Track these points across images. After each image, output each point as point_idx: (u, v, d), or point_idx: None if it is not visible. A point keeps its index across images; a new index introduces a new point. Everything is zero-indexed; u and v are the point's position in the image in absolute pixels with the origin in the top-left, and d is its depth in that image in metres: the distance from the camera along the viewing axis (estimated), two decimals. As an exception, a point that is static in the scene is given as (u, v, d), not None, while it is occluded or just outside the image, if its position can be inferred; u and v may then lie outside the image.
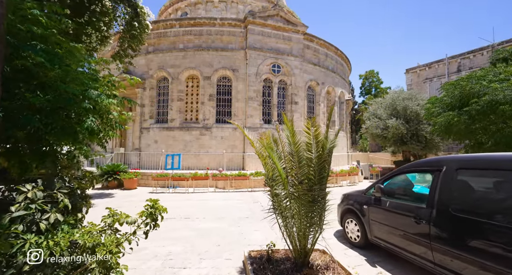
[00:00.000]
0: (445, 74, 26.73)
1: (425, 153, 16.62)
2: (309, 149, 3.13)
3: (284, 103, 15.59)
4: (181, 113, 14.43)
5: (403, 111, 15.54)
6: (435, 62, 27.77)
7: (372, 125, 16.51)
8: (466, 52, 25.40)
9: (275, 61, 15.02)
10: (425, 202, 3.16)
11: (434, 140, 14.95)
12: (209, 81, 14.33)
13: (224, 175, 10.90)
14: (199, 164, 13.72)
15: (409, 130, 15.09)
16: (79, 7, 7.44)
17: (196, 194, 9.97)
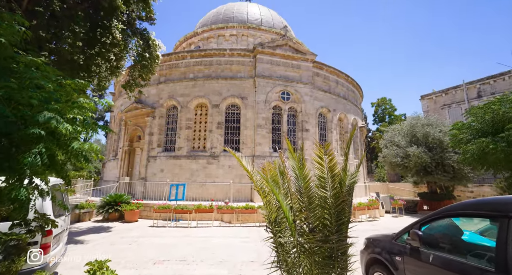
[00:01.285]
0: (464, 100, 25.65)
1: (452, 184, 15.00)
2: (322, 184, 2.42)
3: (295, 131, 15.04)
4: (189, 142, 14.14)
5: (424, 138, 14.45)
6: (452, 88, 26.95)
7: (390, 154, 15.37)
8: (485, 78, 24.57)
9: (284, 89, 14.88)
10: (491, 262, 2.25)
11: (463, 170, 13.50)
12: (217, 109, 14.23)
13: (230, 208, 10.01)
14: (205, 194, 12.93)
15: (433, 159, 13.80)
16: (91, 40, 7.68)
17: (199, 229, 9.04)
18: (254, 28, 20.40)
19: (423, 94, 29.86)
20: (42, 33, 6.65)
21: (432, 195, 15.32)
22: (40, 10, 6.61)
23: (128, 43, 9.14)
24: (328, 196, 2.33)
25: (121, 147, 15.58)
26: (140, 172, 14.13)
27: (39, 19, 6.67)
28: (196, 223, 9.82)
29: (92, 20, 7.64)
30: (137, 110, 14.74)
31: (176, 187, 11.19)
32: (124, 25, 8.22)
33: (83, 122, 2.33)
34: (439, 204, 15.03)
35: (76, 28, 6.81)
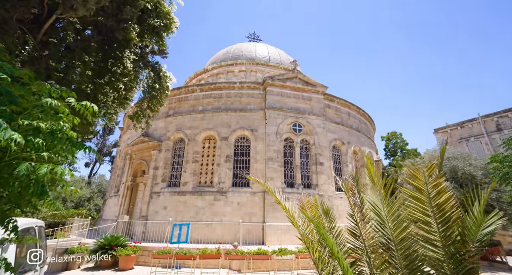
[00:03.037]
0: (483, 134, 24.60)
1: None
2: (426, 234, 1.50)
3: (308, 164, 14.07)
4: (195, 176, 13.27)
5: (451, 173, 13.15)
6: (467, 122, 26.17)
7: (415, 189, 13.91)
8: (502, 111, 23.92)
9: (296, 120, 14.43)
10: None
11: (508, 210, 11.80)
12: (226, 142, 13.66)
13: (239, 253, 8.58)
14: (211, 235, 11.50)
15: (466, 197, 12.25)
16: (102, 69, 7.59)
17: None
18: (263, 64, 21.14)
19: (437, 128, 29.02)
20: (52, 62, 6.54)
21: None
22: (54, 41, 6.62)
23: (138, 74, 9.10)
24: (441, 256, 1.38)
25: (124, 182, 14.76)
26: (142, 210, 12.99)
27: (51, 50, 6.66)
28: (201, 272, 8.33)
29: (104, 51, 7.65)
30: (144, 143, 14.33)
31: (180, 227, 9.93)
32: (136, 56, 8.23)
33: (51, 135, 1.60)
34: (481, 249, 12.92)
35: (87, 57, 6.72)
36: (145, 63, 9.54)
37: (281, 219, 11.96)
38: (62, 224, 15.45)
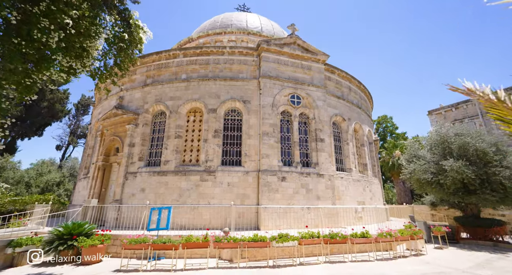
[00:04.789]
0: (477, 115, 24.17)
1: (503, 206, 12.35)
2: None
3: (307, 141, 12.58)
4: (178, 154, 11.43)
5: (460, 150, 12.12)
6: (462, 103, 25.62)
7: (419, 169, 12.87)
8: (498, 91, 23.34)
9: (294, 92, 12.73)
10: None
11: (518, 188, 10.99)
12: (214, 115, 11.80)
13: (232, 240, 7.07)
14: (197, 220, 9.94)
15: (477, 175, 11.34)
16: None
17: (187, 273, 6.02)
18: (255, 34, 18.96)
19: (431, 110, 28.46)
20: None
21: (475, 220, 12.57)
22: None
23: (99, 16, 6.88)
24: None
25: (94, 162, 12.67)
26: (115, 193, 11.11)
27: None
28: (184, 263, 6.78)
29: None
30: (117, 117, 12.17)
31: (159, 212, 8.24)
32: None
33: None
34: (486, 231, 12.27)
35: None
36: (109, 5, 7.32)
37: (278, 201, 10.55)
38: (23, 211, 13.30)
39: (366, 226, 9.42)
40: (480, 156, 11.60)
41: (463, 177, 11.32)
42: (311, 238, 7.47)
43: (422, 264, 7.57)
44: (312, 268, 6.81)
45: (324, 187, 11.47)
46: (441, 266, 7.41)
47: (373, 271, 6.53)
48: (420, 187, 13.76)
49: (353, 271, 6.53)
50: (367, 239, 7.90)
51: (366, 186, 14.17)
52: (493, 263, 8.09)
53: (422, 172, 12.71)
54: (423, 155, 13.58)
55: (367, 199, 13.80)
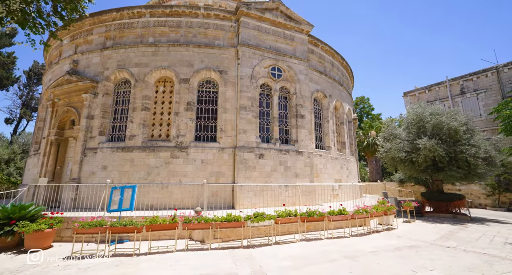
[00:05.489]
0: (447, 97, 25.16)
1: (465, 181, 13.12)
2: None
3: (287, 117, 11.97)
4: (146, 128, 10.25)
5: (435, 129, 12.34)
6: (435, 85, 26.43)
7: (394, 148, 13.06)
8: (468, 74, 24.23)
9: (275, 63, 11.77)
10: None
11: (479, 165, 11.58)
12: (187, 85, 10.59)
13: (203, 220, 6.47)
14: (168, 200, 9.19)
15: (447, 153, 11.71)
16: None
17: (151, 259, 5.38)
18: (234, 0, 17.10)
19: (406, 91, 29.16)
20: None
21: (439, 195, 13.32)
22: None
23: None
24: None
25: (45, 137, 11.03)
26: (72, 171, 9.83)
27: None
28: (149, 246, 6.11)
29: None
30: (71, 84, 10.43)
31: (121, 191, 7.33)
32: None
33: None
34: (448, 204, 13.09)
35: None
36: None
37: (255, 179, 10.06)
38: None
39: (343, 203, 9.39)
40: (451, 135, 11.91)
41: (434, 155, 11.63)
42: (288, 216, 7.13)
43: (394, 238, 7.68)
44: (287, 246, 6.53)
45: (303, 164, 11.17)
46: (412, 239, 7.57)
47: (349, 247, 6.41)
48: (393, 164, 14.13)
49: (329, 248, 6.36)
50: (344, 216, 7.78)
51: (344, 164, 14.23)
52: (455, 234, 8.50)
53: (397, 151, 12.92)
54: (399, 133, 13.77)
55: (344, 177, 13.93)
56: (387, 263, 5.16)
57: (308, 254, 5.84)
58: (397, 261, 5.31)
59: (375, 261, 5.26)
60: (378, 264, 5.09)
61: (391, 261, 5.27)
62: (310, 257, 5.55)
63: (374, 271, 4.67)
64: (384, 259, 5.41)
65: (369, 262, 5.19)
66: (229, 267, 4.92)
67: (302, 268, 4.83)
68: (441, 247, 6.65)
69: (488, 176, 12.62)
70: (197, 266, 4.93)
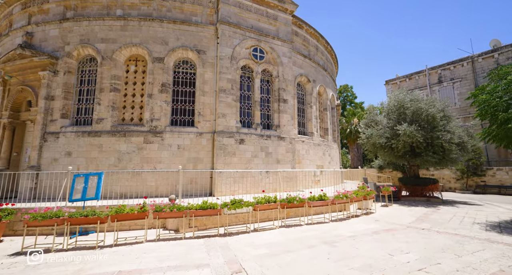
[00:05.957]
0: (426, 86, 25.85)
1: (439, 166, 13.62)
2: None
3: (269, 101, 11.52)
4: (116, 111, 9.38)
5: (414, 115, 12.51)
6: (415, 74, 26.97)
7: (376, 134, 13.17)
8: (446, 63, 24.85)
9: (257, 44, 11.12)
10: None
11: (452, 151, 11.98)
12: (161, 65, 9.73)
13: (176, 208, 6.04)
14: (141, 188, 8.62)
15: (425, 139, 11.96)
16: None
17: (115, 251, 4.90)
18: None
19: (388, 79, 29.60)
20: None
21: (415, 180, 13.79)
22: None
23: None
24: None
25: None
26: (31, 158, 8.86)
27: None
28: (115, 237, 5.62)
29: None
30: (25, 60, 9.17)
31: (85, 179, 6.65)
32: None
33: None
34: (423, 188, 13.61)
35: None
36: None
37: (235, 165, 9.68)
38: None
39: (324, 189, 9.32)
40: (429, 121, 12.13)
41: (413, 141, 11.84)
42: (267, 203, 6.87)
43: (372, 222, 7.74)
44: (266, 233, 6.30)
45: (285, 150, 10.91)
46: (389, 223, 7.67)
47: (328, 233, 6.30)
48: (374, 151, 14.33)
49: (308, 234, 6.21)
50: (324, 201, 7.68)
51: (326, 150, 14.20)
52: (429, 217, 8.77)
53: (378, 137, 13.03)
54: (380, 120, 13.88)
55: (325, 163, 13.94)
56: (365, 247, 5.08)
57: (286, 240, 5.64)
58: (375, 245, 5.24)
59: (354, 246, 5.15)
60: (356, 248, 4.98)
61: (369, 245, 5.20)
62: (288, 244, 5.34)
63: (351, 256, 4.54)
64: (362, 244, 5.33)
65: (347, 247, 5.08)
66: (201, 257, 4.58)
67: (279, 256, 4.60)
68: (416, 229, 6.75)
69: (459, 161, 13.15)
70: (165, 258, 4.53)
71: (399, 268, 3.98)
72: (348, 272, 3.83)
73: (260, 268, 4.01)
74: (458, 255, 4.62)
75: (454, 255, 4.61)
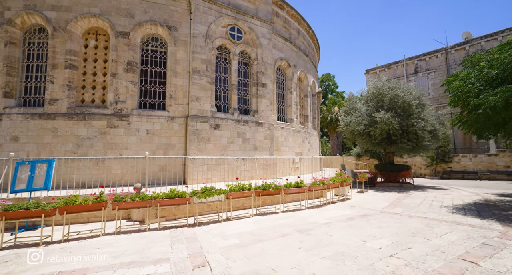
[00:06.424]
0: (403, 75, 26.50)
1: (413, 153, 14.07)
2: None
3: (247, 85, 10.94)
4: (73, 91, 8.33)
5: (391, 103, 12.61)
6: (394, 63, 27.47)
7: (354, 121, 13.18)
8: (422, 54, 25.47)
9: (235, 23, 10.33)
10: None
11: (425, 138, 12.34)
12: (126, 41, 8.70)
13: (139, 198, 5.46)
14: (106, 176, 7.85)
15: (401, 126, 12.15)
16: None
17: (65, 246, 4.29)
18: None
19: (368, 69, 29.98)
20: None
21: (390, 167, 14.17)
22: None
23: None
24: None
25: None
26: (-29, 143, 7.66)
27: None
28: (63, 232, 4.97)
29: None
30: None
31: (32, 167, 5.81)
32: None
33: None
34: (396, 175, 14.05)
35: None
36: None
37: (210, 151, 9.15)
38: None
39: (302, 176, 9.15)
40: (405, 108, 12.29)
41: (389, 128, 11.97)
42: (241, 190, 6.49)
43: (348, 208, 7.70)
44: (239, 222, 5.96)
45: (263, 136, 10.53)
46: (364, 208, 7.67)
47: (303, 220, 6.10)
48: (352, 138, 14.44)
49: (283, 222, 5.97)
50: (301, 188, 7.46)
51: (306, 137, 14.05)
52: (401, 201, 8.96)
53: (356, 124, 13.06)
54: (359, 107, 13.89)
55: (305, 151, 13.82)
56: (339, 234, 4.91)
57: (259, 229, 5.33)
58: (349, 231, 5.10)
59: (328, 233, 4.96)
60: (330, 236, 4.79)
61: (343, 232, 5.04)
62: (260, 233, 5.04)
63: (324, 244, 4.33)
64: (336, 230, 5.17)
65: (321, 235, 4.87)
66: (163, 250, 4.12)
67: (249, 246, 4.27)
68: (389, 214, 6.77)
69: (430, 148, 13.66)
70: (121, 253, 4.01)
71: (371, 254, 3.81)
72: (319, 261, 3.58)
73: (226, 261, 3.65)
74: (427, 239, 4.61)
75: (424, 239, 4.59)
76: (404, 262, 3.54)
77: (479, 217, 6.36)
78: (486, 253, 3.89)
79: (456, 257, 3.74)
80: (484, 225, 5.64)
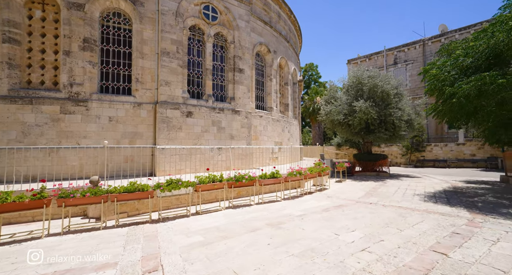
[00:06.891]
0: (383, 66, 26.84)
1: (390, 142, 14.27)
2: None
3: (223, 70, 10.24)
4: (15, 70, 7.20)
5: (371, 92, 12.53)
6: (375, 54, 27.67)
7: (334, 110, 13.01)
8: (401, 45, 25.80)
9: (209, 1, 9.46)
10: None
11: (401, 127, 12.48)
12: (81, 14, 7.60)
13: (92, 193, 4.79)
14: (61, 168, 6.99)
15: (379, 116, 12.16)
16: None
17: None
18: None
19: (350, 59, 30.03)
20: None
21: (368, 156, 14.33)
22: None
23: None
24: None
25: None
26: None
27: None
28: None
29: None
30: None
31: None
32: None
33: None
34: (374, 164, 14.25)
35: None
36: None
37: (182, 140, 8.50)
38: None
39: (281, 166, 8.83)
40: (384, 98, 12.28)
41: (368, 117, 11.92)
42: (212, 182, 6.01)
43: (324, 199, 7.52)
44: (208, 217, 5.51)
45: (240, 125, 10.01)
46: (340, 198, 7.54)
47: (277, 213, 5.78)
48: (332, 127, 14.33)
49: (256, 215, 5.60)
50: (277, 179, 7.12)
51: (286, 126, 13.72)
52: (377, 190, 8.98)
53: (336, 113, 12.91)
54: (339, 96, 13.73)
55: (285, 140, 13.52)
56: (312, 227, 4.63)
57: (228, 224, 4.92)
58: (323, 224, 4.84)
59: (300, 227, 4.66)
60: (302, 230, 4.49)
61: (317, 225, 4.77)
62: (228, 228, 4.63)
63: (296, 238, 4.01)
64: (309, 223, 4.89)
65: (293, 228, 4.56)
66: (113, 253, 3.57)
67: (213, 244, 3.84)
68: (364, 204, 6.67)
69: (406, 138, 13.91)
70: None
71: (343, 249, 3.55)
72: (286, 260, 3.24)
73: (183, 263, 3.19)
74: (400, 229, 4.49)
75: (397, 230, 4.46)
76: (376, 257, 3.31)
77: (449, 205, 6.44)
78: (455, 242, 3.83)
79: (427, 248, 3.62)
80: (453, 212, 5.68)
